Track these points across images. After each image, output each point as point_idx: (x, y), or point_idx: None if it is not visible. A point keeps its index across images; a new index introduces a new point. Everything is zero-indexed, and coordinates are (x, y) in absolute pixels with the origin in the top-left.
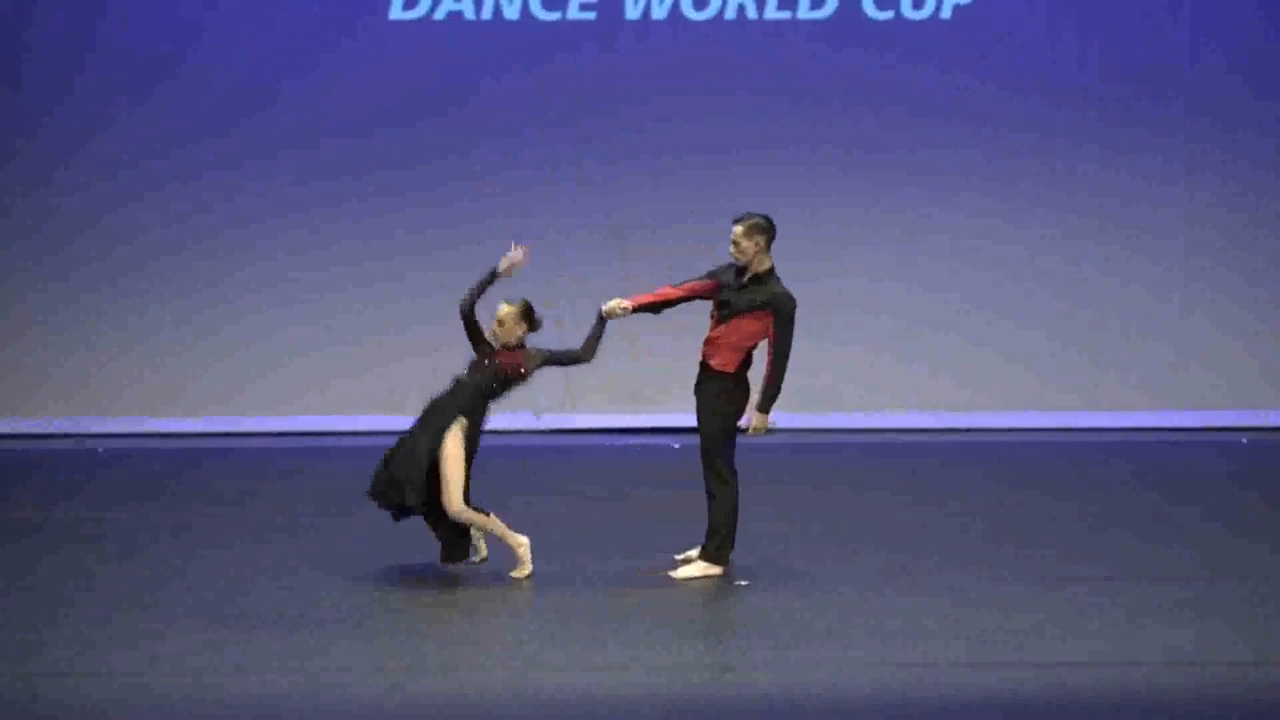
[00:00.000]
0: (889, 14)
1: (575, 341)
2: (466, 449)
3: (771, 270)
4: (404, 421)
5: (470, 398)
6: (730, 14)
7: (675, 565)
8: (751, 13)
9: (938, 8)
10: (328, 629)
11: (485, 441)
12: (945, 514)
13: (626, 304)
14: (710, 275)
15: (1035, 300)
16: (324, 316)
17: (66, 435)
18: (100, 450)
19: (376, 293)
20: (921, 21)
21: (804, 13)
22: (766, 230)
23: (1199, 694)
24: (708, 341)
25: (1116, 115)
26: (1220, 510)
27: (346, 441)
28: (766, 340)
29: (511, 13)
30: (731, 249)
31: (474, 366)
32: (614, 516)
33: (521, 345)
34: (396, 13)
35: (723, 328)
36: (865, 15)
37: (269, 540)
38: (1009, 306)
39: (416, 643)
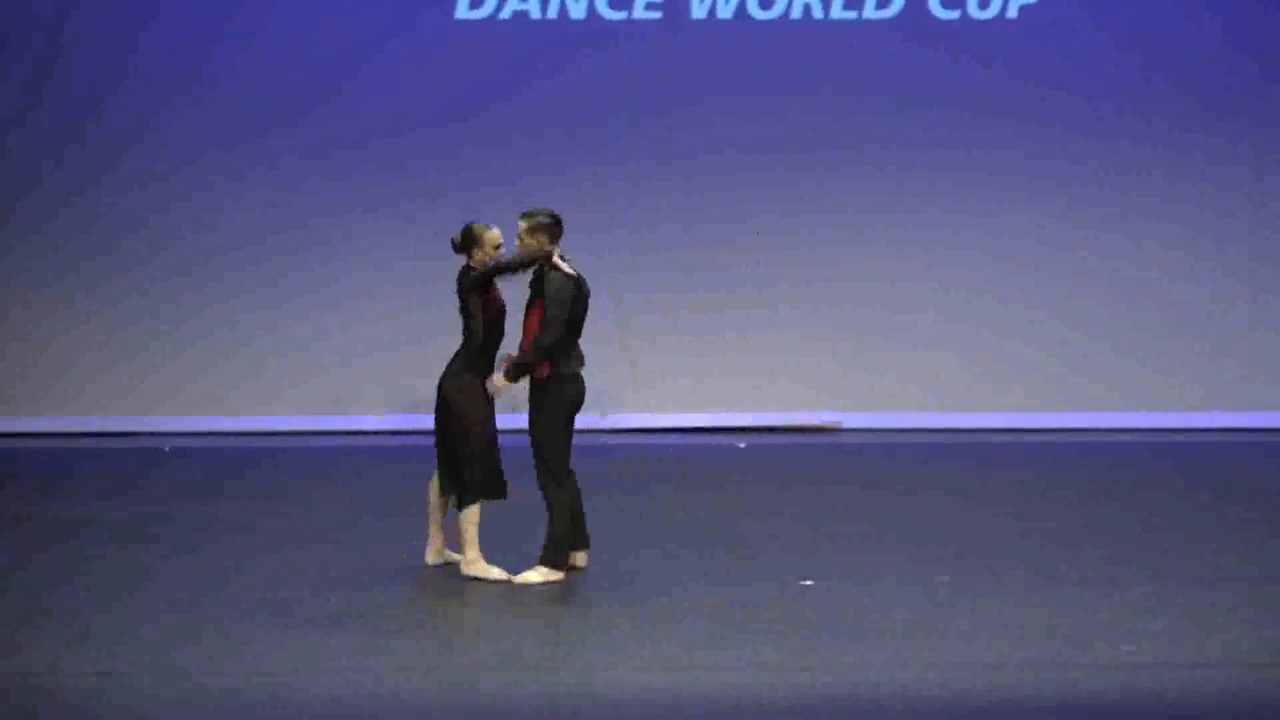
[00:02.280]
0: (955, 13)
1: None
2: None
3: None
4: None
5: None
6: (796, 13)
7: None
8: (817, 12)
9: (1004, 8)
10: (389, 628)
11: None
12: (1004, 515)
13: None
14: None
15: (1092, 302)
16: (386, 317)
17: (127, 433)
18: (166, 448)
19: (439, 293)
20: (988, 21)
21: (870, 12)
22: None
23: (1259, 698)
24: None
25: (1183, 120)
26: (1275, 512)
27: (408, 440)
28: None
29: (578, 12)
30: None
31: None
32: (679, 516)
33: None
34: (462, 12)
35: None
36: (931, 15)
37: (330, 539)
38: (1068, 308)
39: (478, 641)
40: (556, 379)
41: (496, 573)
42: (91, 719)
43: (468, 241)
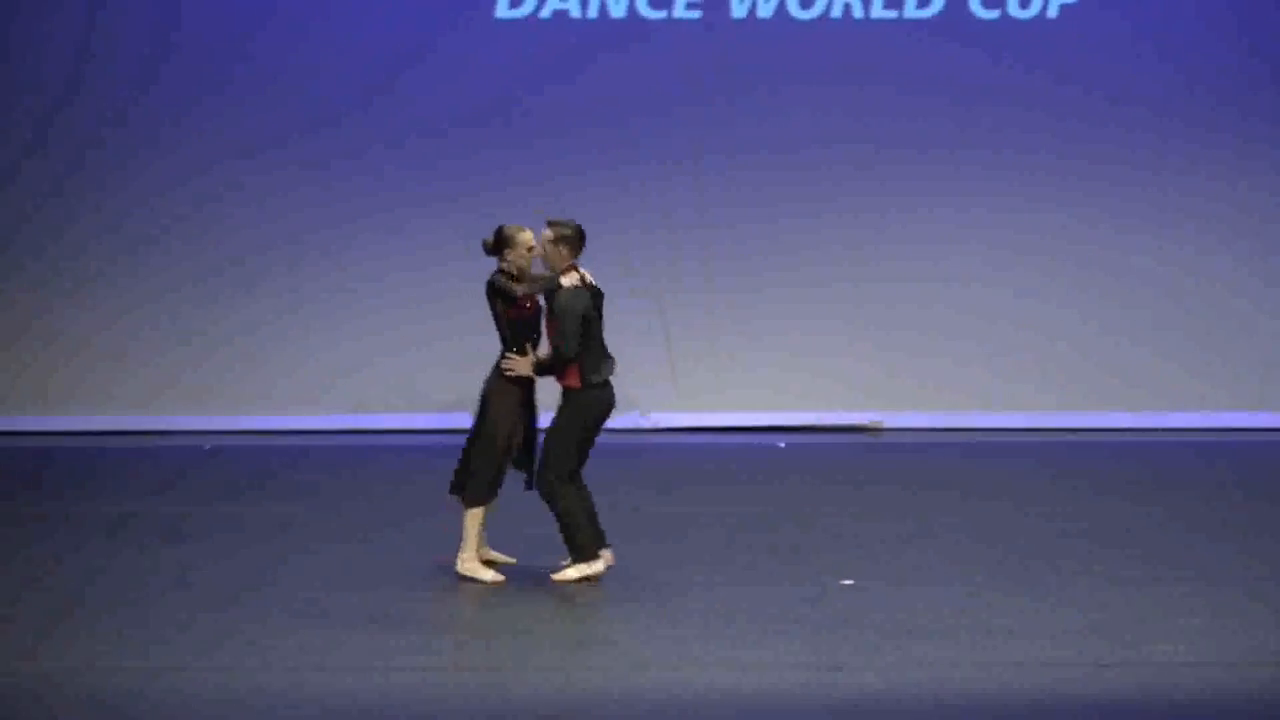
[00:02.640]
0: (995, 13)
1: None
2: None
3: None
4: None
5: None
6: (836, 12)
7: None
8: (858, 11)
9: (1044, 7)
10: (434, 627)
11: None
12: (1043, 515)
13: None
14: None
15: (1131, 302)
16: (423, 317)
17: (167, 432)
18: (206, 447)
19: (475, 291)
20: (1028, 21)
21: (910, 11)
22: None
23: None
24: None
25: (1224, 122)
26: None
27: (443, 439)
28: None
29: (618, 11)
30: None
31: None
32: (719, 515)
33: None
34: (503, 11)
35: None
36: (972, 14)
37: (367, 539)
38: (1107, 308)
39: (522, 642)
40: (585, 387)
41: (490, 575)
42: (132, 717)
43: (500, 244)
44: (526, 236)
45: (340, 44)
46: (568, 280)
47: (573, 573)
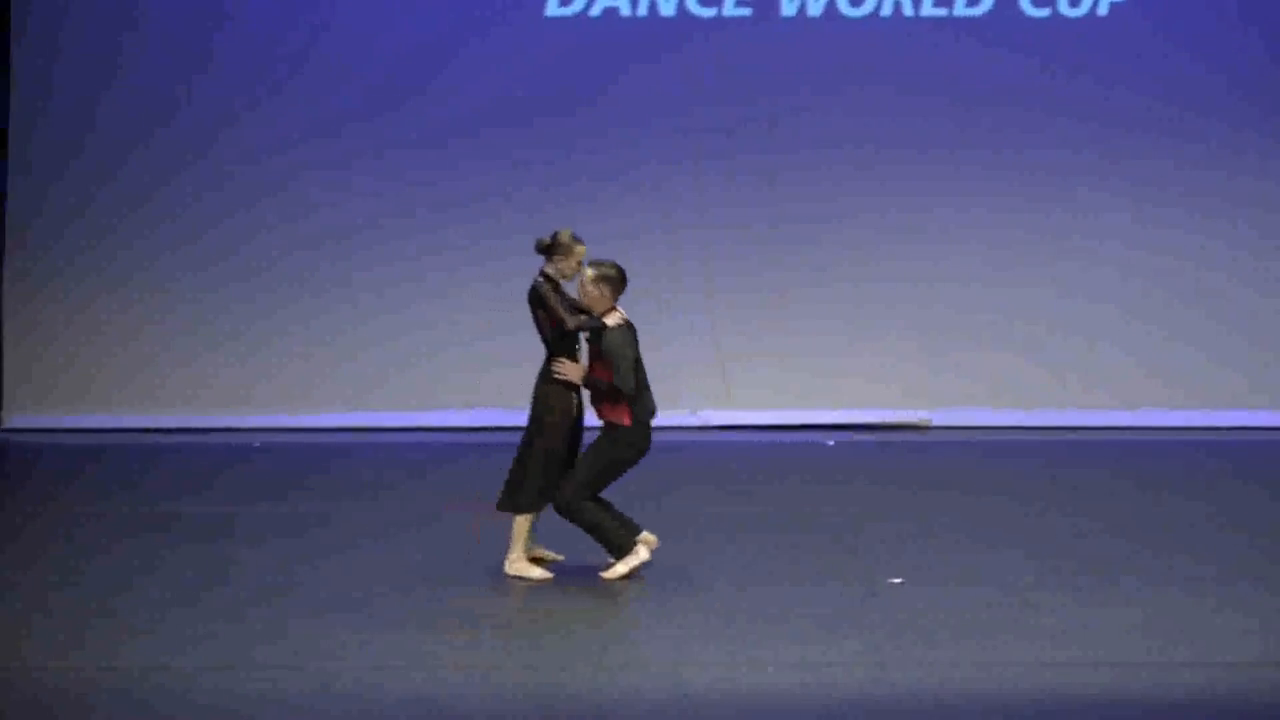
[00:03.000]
0: (1046, 11)
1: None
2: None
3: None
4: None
5: None
6: (886, 10)
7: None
8: (908, 9)
9: (1094, 6)
10: (476, 626)
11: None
12: (1090, 513)
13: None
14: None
15: (1176, 301)
16: (469, 311)
17: (215, 429)
18: (256, 444)
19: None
20: (1078, 19)
21: (960, 9)
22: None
23: None
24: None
25: (1271, 122)
26: None
27: (490, 438)
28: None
29: (667, 9)
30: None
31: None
32: (767, 513)
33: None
34: (552, 9)
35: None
36: (1022, 13)
37: (411, 537)
38: (1152, 307)
39: (568, 640)
40: (634, 424)
41: (538, 573)
42: (172, 715)
43: (554, 247)
44: (583, 249)
45: (389, 41)
46: (612, 320)
47: (621, 568)
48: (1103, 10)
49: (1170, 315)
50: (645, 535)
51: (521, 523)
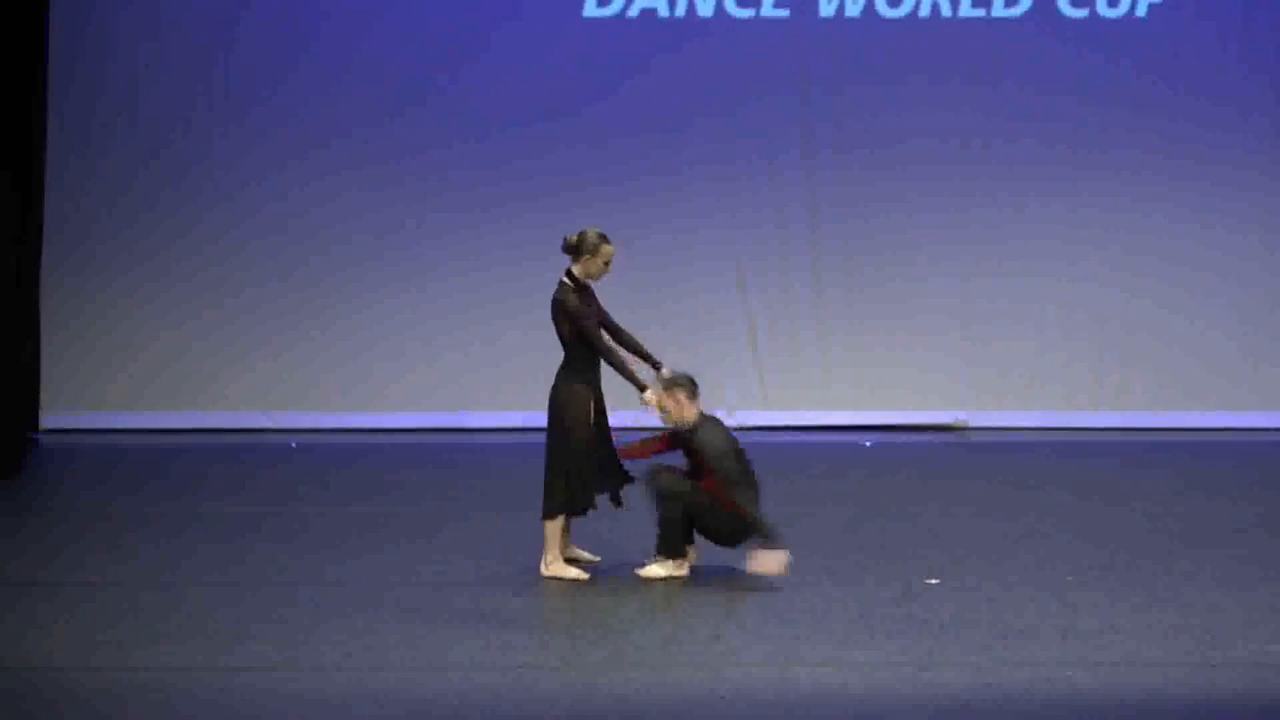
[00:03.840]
0: (1084, 12)
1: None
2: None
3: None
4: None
5: None
6: (924, 11)
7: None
8: (945, 10)
9: (1133, 6)
10: (519, 626)
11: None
12: (1131, 513)
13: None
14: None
15: (1220, 299)
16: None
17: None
18: (293, 444)
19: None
20: (1117, 20)
21: (998, 10)
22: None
23: None
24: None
25: None
26: None
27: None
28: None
29: (705, 9)
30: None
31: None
32: (804, 514)
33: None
34: (591, 10)
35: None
36: (1060, 13)
37: (450, 537)
38: (1194, 305)
39: (611, 640)
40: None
41: (574, 573)
42: (215, 715)
43: (581, 247)
44: (610, 249)
45: (421, 40)
46: (694, 415)
47: (660, 570)
48: (1141, 11)
49: (1214, 314)
50: (691, 553)
51: (552, 526)
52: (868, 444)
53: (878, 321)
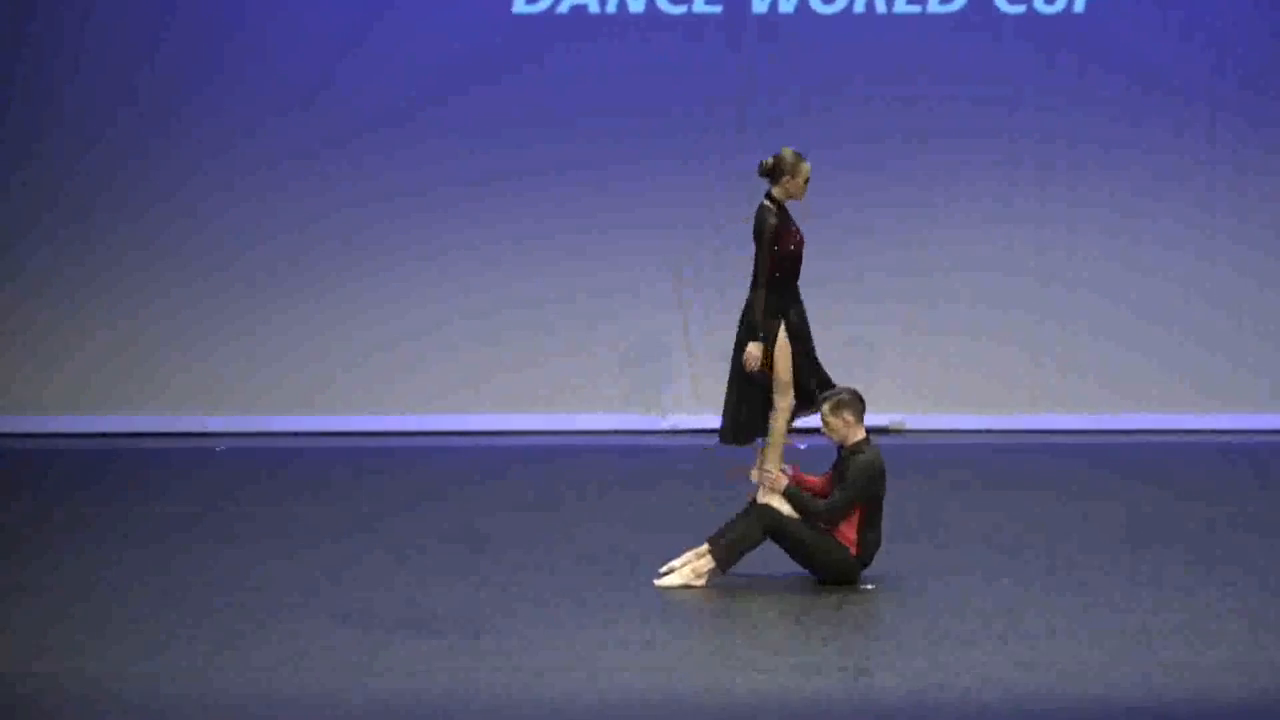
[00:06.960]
0: (1021, 8)
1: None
2: None
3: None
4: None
5: None
6: (859, 7)
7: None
8: (880, 6)
9: (1070, 2)
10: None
11: (609, 441)
12: (1072, 515)
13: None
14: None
15: (1180, 301)
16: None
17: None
18: (219, 448)
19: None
20: (1054, 15)
21: (934, 6)
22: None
23: None
24: None
25: (1247, 115)
26: None
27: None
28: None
29: (636, 5)
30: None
31: None
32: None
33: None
34: (520, 7)
35: None
36: (996, 9)
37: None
38: (1150, 307)
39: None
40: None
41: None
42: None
43: (778, 169)
44: (807, 167)
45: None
46: (859, 439)
47: (678, 580)
48: (1079, 7)
49: (1155, 313)
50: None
51: (772, 443)
52: (802, 446)
53: (815, 322)
